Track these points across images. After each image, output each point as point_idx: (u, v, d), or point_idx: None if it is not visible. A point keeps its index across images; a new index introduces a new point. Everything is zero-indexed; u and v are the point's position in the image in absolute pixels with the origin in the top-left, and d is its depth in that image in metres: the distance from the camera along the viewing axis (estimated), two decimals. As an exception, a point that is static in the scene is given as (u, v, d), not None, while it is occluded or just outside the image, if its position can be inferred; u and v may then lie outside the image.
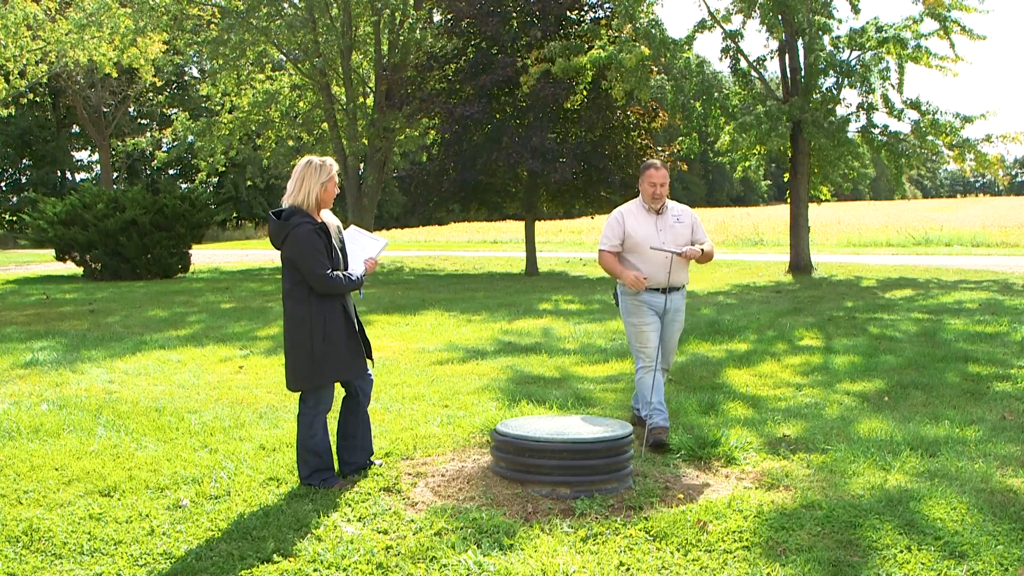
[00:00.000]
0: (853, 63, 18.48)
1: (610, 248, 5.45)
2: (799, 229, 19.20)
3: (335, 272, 4.41)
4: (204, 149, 26.37)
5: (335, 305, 4.45)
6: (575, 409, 6.17)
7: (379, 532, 3.90)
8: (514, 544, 3.74)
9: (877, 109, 18.78)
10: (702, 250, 5.37)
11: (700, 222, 5.58)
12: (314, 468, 4.50)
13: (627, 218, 5.43)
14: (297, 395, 4.66)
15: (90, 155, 53.35)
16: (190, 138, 28.14)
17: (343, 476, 4.62)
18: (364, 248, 4.74)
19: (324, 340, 4.38)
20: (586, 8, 21.19)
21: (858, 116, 19.09)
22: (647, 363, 5.41)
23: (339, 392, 4.73)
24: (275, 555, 3.64)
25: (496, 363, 8.17)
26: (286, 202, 4.46)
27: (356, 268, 4.62)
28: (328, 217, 4.56)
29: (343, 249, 4.60)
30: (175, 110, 46.27)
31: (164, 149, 36.49)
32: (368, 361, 4.67)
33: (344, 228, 4.79)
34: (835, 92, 18.74)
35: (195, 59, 40.05)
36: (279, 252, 4.45)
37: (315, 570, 3.52)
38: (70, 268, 21.70)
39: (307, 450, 4.51)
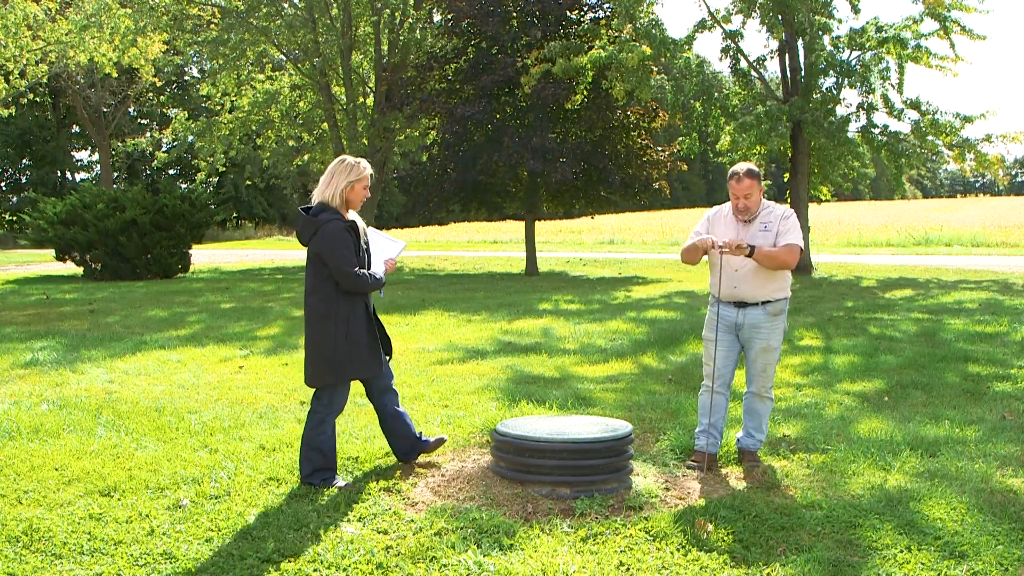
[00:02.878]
0: (853, 63, 18.48)
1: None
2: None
3: (363, 271, 4.46)
4: (204, 149, 26.38)
5: (358, 304, 4.50)
6: (575, 409, 6.17)
7: (379, 532, 3.90)
8: (514, 544, 3.74)
9: (877, 109, 18.79)
10: (752, 247, 4.61)
11: (792, 224, 4.76)
12: (317, 466, 4.52)
13: (714, 221, 4.93)
14: (301, 393, 4.65)
15: (90, 155, 53.41)
16: (190, 138, 28.14)
17: (407, 463, 4.78)
18: (384, 250, 4.80)
19: (347, 338, 4.42)
20: (586, 8, 21.20)
21: (858, 116, 19.12)
22: (706, 381, 4.98)
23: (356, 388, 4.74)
24: (275, 555, 3.64)
25: (496, 363, 8.16)
26: (315, 198, 4.49)
27: (376, 269, 4.66)
28: (356, 218, 4.61)
29: (368, 250, 4.65)
30: (175, 110, 46.25)
31: (164, 149, 36.50)
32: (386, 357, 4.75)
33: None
34: (835, 92, 18.74)
35: (195, 59, 40.05)
36: (307, 248, 4.47)
37: (315, 570, 3.52)
38: (70, 268, 21.69)
39: (312, 448, 4.52)
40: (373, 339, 4.56)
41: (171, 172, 52.96)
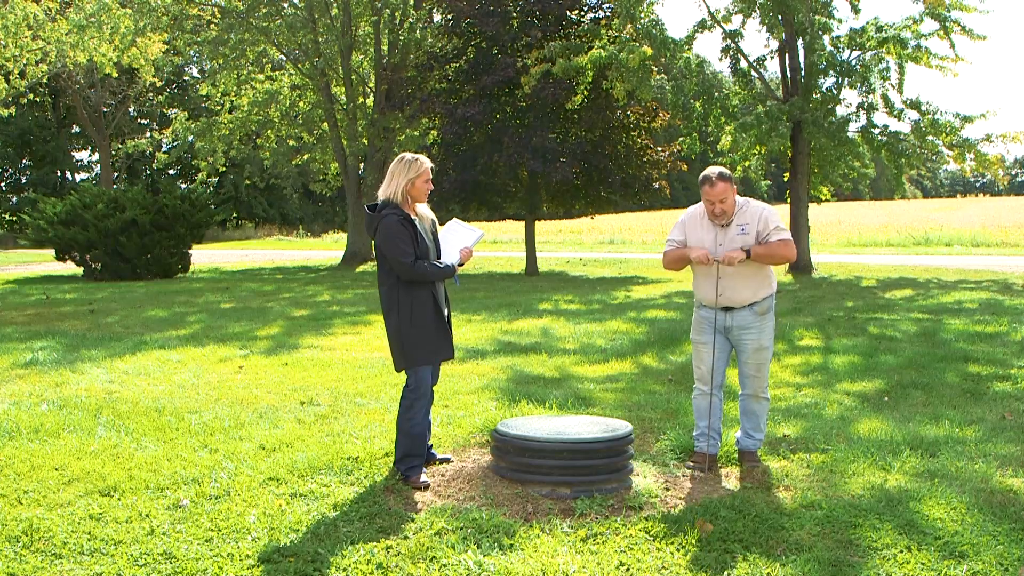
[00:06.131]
0: (853, 63, 18.49)
1: (672, 248, 4.85)
2: (799, 229, 19.22)
3: (421, 261, 4.54)
4: (204, 149, 26.40)
5: (423, 292, 4.61)
6: (575, 409, 6.17)
7: (379, 532, 3.90)
8: (514, 544, 3.74)
9: (877, 109, 18.80)
10: (747, 251, 4.56)
11: (772, 219, 4.67)
12: (405, 451, 4.65)
13: (690, 226, 4.80)
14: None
15: (90, 155, 53.39)
16: (190, 138, 28.16)
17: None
18: (462, 239, 4.89)
19: (412, 325, 4.58)
20: (586, 8, 21.20)
21: (858, 116, 19.13)
22: (699, 385, 4.96)
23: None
24: (275, 555, 3.64)
25: (496, 363, 8.16)
26: (380, 196, 4.66)
27: (451, 258, 4.76)
28: (424, 211, 4.75)
29: (436, 240, 4.76)
30: (175, 110, 46.27)
31: (164, 149, 36.52)
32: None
33: (447, 221, 5.02)
34: (835, 92, 18.75)
35: (195, 59, 40.06)
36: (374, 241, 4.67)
37: (315, 570, 3.52)
38: (70, 268, 21.70)
39: (402, 432, 4.66)
40: (440, 325, 4.67)
41: (171, 172, 52.96)
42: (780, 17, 17.99)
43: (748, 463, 4.88)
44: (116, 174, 44.63)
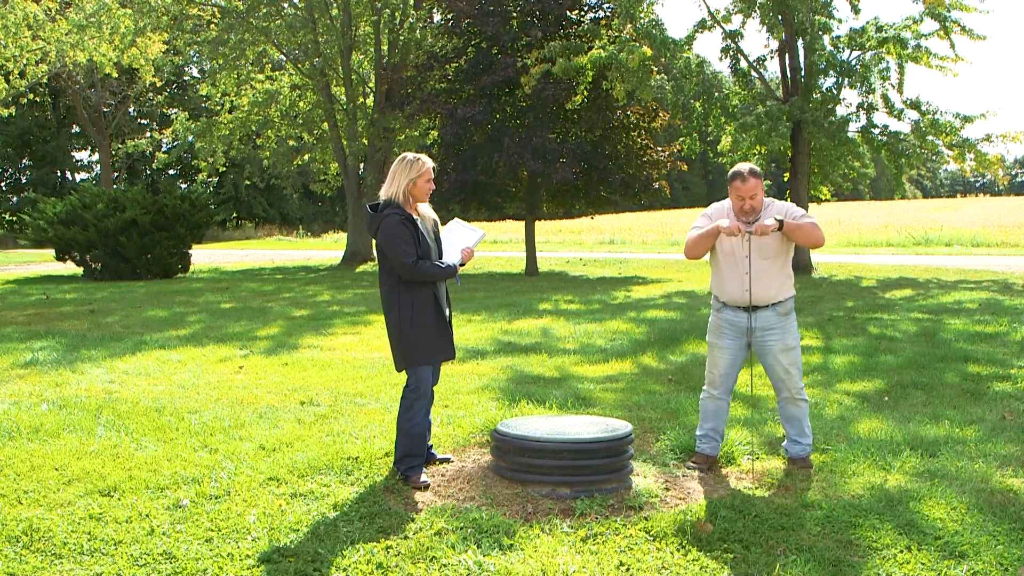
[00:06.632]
0: (853, 63, 18.50)
1: (699, 230, 4.72)
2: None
3: (423, 261, 4.54)
4: (204, 149, 26.40)
5: (424, 292, 4.61)
6: (575, 409, 6.16)
7: (379, 532, 3.90)
8: (514, 544, 3.74)
9: (877, 109, 18.80)
10: (780, 221, 4.45)
11: (797, 210, 4.64)
12: (405, 451, 4.65)
13: (716, 219, 4.70)
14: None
15: (90, 155, 53.41)
16: (190, 138, 28.17)
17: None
18: (463, 238, 4.90)
19: (412, 324, 4.58)
20: (586, 8, 21.20)
21: (858, 116, 19.13)
22: (709, 388, 4.88)
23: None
24: (275, 555, 3.64)
25: (496, 363, 8.17)
26: (381, 195, 4.66)
27: (453, 258, 4.77)
28: (426, 211, 4.77)
29: (438, 240, 4.77)
30: (175, 110, 46.29)
31: (164, 149, 36.51)
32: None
33: (447, 221, 5.03)
34: (835, 92, 18.75)
35: (195, 59, 40.05)
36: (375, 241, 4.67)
37: (315, 570, 3.52)
38: (70, 268, 21.70)
39: (402, 432, 4.67)
40: (441, 325, 4.67)
41: (171, 172, 52.97)
42: (780, 17, 17.99)
43: (801, 468, 4.75)
44: (116, 174, 44.63)
